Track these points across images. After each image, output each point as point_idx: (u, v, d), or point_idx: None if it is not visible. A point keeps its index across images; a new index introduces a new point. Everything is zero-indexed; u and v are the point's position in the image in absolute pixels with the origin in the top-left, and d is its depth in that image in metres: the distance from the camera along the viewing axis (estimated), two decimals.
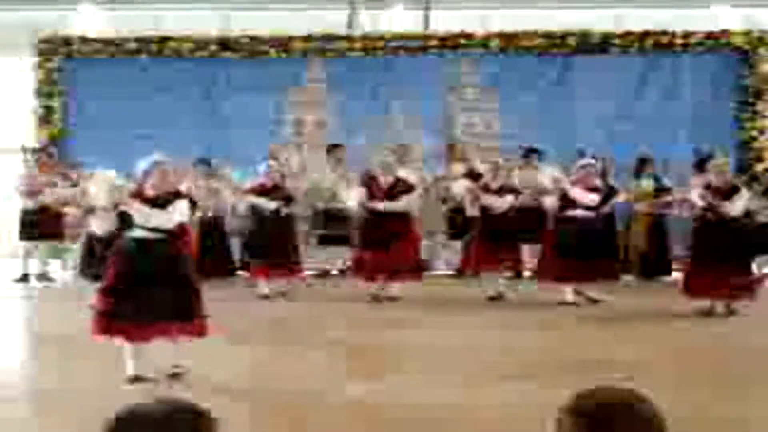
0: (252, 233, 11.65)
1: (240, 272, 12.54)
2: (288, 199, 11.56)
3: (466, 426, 5.72)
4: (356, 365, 7.67)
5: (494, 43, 13.91)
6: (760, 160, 13.25)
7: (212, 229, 12.78)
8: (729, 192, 9.70)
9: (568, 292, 10.66)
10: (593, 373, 6.73)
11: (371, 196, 10.93)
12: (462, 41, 13.96)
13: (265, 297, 11.17)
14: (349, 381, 6.90)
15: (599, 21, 14.11)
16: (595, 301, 10.63)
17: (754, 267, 10.45)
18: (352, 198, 11.60)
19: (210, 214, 12.50)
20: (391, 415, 5.97)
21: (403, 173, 11.47)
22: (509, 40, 13.91)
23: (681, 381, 6.83)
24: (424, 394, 6.44)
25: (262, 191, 11.39)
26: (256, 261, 11.46)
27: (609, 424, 1.97)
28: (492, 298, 11.00)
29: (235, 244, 12.75)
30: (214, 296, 7.87)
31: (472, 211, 11.50)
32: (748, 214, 10.09)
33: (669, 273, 12.92)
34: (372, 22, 14.72)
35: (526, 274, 11.68)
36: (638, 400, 2.02)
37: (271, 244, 11.22)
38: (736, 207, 9.65)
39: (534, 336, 8.86)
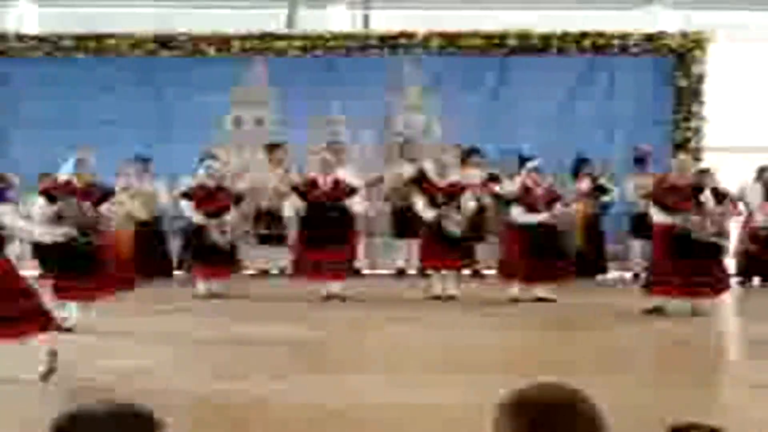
0: (192, 233, 11.54)
1: (178, 272, 12.46)
2: (238, 199, 11.51)
3: (420, 425, 5.73)
4: (300, 364, 7.63)
5: (435, 43, 13.92)
6: (696, 160, 13.44)
7: (151, 229, 12.69)
8: (691, 191, 9.84)
9: (516, 289, 10.76)
10: (538, 372, 6.76)
11: (314, 197, 10.92)
12: (403, 41, 13.94)
13: (203, 297, 11.08)
14: (292, 380, 6.88)
15: (540, 21, 14.21)
16: (543, 300, 10.72)
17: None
18: (287, 209, 11.65)
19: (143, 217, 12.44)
20: (353, 414, 5.94)
21: (341, 173, 11.49)
22: (450, 40, 13.92)
23: (627, 378, 6.92)
24: (382, 394, 6.43)
25: (205, 194, 11.26)
26: (197, 261, 11.37)
27: (551, 424, 1.95)
28: (437, 297, 11.05)
29: (175, 244, 12.69)
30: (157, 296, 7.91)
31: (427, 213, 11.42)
32: None
33: (605, 272, 13.13)
34: (312, 21, 14.66)
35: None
36: (580, 399, 2.01)
37: (211, 245, 11.11)
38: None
39: (480, 335, 8.90)
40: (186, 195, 11.45)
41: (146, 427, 1.95)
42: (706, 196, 9.94)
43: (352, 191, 11.16)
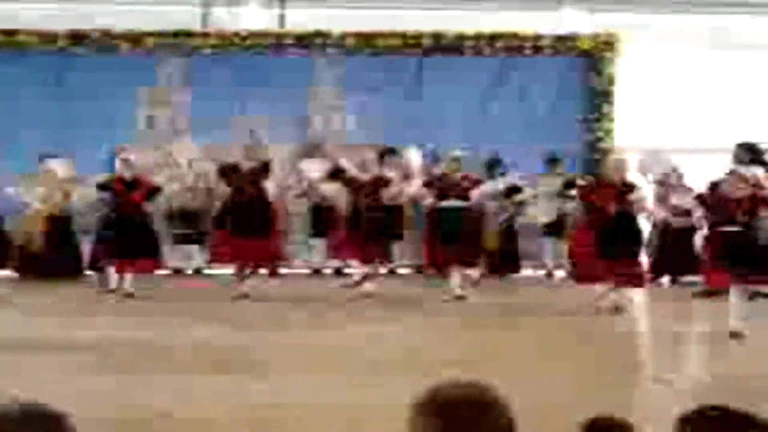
0: (105, 228, 11.36)
1: (90, 272, 12.28)
2: (154, 190, 11.34)
3: (328, 426, 5.74)
4: (223, 365, 7.57)
5: (351, 43, 13.93)
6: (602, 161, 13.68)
7: (60, 227, 12.50)
8: (624, 189, 10.03)
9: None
10: (453, 371, 6.81)
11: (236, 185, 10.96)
12: (319, 40, 13.92)
13: (111, 291, 10.89)
14: (210, 380, 6.83)
15: (456, 22, 14.31)
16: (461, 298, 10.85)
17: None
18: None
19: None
20: (273, 415, 5.92)
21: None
22: (366, 40, 13.95)
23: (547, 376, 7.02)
24: (300, 394, 6.42)
25: (121, 185, 11.10)
26: (108, 257, 11.18)
27: (465, 424, 1.96)
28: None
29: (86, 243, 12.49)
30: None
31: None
32: None
33: (517, 270, 13.30)
34: (228, 19, 14.53)
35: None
36: (494, 398, 2.02)
37: (125, 240, 10.96)
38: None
39: (396, 333, 8.95)
40: (103, 186, 11.26)
41: (58, 427, 1.93)
42: (638, 196, 10.17)
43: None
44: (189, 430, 5.75)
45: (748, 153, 10.66)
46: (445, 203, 10.93)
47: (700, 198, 9.41)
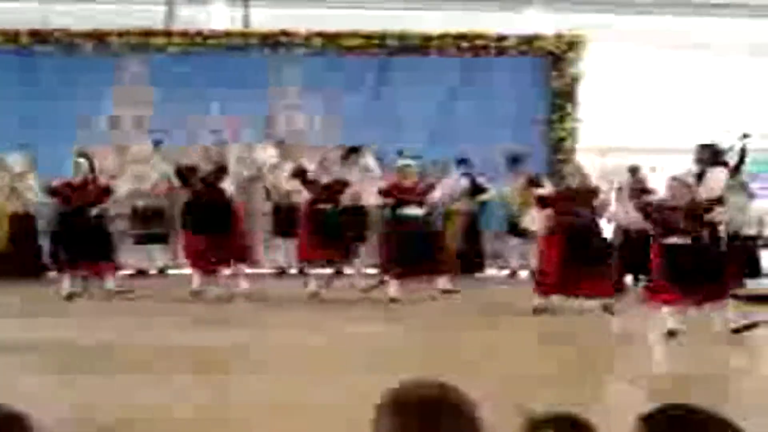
0: (55, 231, 11.27)
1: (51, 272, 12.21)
2: (105, 191, 11.25)
3: (294, 426, 5.73)
4: (182, 366, 7.54)
5: (316, 43, 13.92)
6: (568, 161, 13.76)
7: (24, 226, 12.42)
8: (586, 194, 10.06)
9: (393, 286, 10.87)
10: (419, 370, 6.77)
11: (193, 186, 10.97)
12: (283, 40, 13.89)
13: (69, 297, 10.83)
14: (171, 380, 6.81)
15: (420, 22, 14.34)
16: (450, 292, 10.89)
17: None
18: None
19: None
20: (235, 415, 5.90)
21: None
22: (331, 40, 13.94)
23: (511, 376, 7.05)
24: (269, 394, 6.41)
25: (71, 190, 11.01)
26: (62, 258, 11.10)
27: (430, 423, 1.95)
28: (315, 294, 11.07)
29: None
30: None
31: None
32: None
33: (482, 270, 13.36)
34: (191, 18, 14.46)
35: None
36: (459, 397, 2.02)
37: (77, 242, 10.87)
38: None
39: (360, 334, 8.96)
40: (50, 191, 11.19)
41: (21, 427, 1.93)
42: (602, 200, 10.20)
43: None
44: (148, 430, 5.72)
45: (710, 153, 10.74)
46: (402, 211, 10.90)
47: (643, 210, 9.14)
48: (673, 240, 8.60)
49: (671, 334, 8.47)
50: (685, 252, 8.53)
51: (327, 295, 11.06)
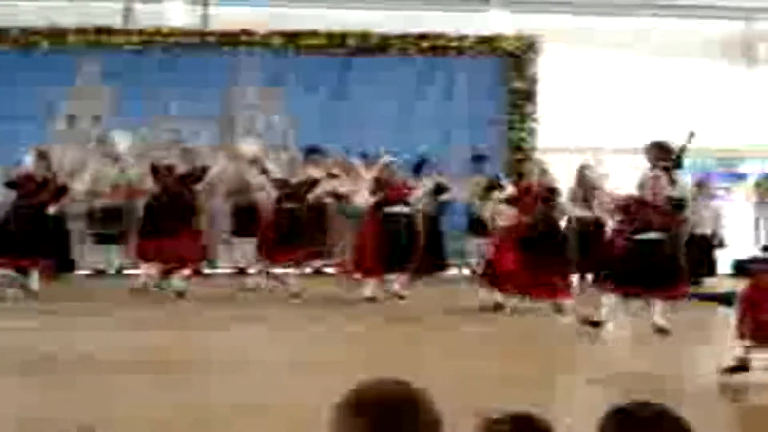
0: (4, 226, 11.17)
1: None
2: (61, 190, 11.15)
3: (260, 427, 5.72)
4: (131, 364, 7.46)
5: (276, 42, 13.85)
6: (527, 160, 13.82)
7: None
8: (547, 194, 10.11)
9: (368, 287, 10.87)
10: (381, 370, 6.74)
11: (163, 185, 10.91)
12: (243, 38, 13.81)
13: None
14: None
15: (382, 22, 14.32)
16: (401, 297, 10.87)
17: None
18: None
19: None
20: (198, 415, 5.86)
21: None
22: (290, 39, 13.89)
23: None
24: (211, 394, 6.37)
25: (27, 184, 10.91)
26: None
27: (389, 423, 1.94)
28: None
29: None
30: None
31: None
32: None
33: (443, 269, 13.38)
34: (150, 16, 14.31)
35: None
36: (419, 397, 2.00)
37: (25, 240, 10.75)
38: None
39: (323, 333, 8.94)
40: (8, 184, 11.08)
41: None
42: (560, 201, 10.28)
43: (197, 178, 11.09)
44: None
45: (662, 152, 10.78)
46: (390, 209, 10.92)
47: (621, 207, 9.22)
48: (647, 236, 8.71)
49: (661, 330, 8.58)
50: (653, 248, 8.63)
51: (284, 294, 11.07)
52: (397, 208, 10.90)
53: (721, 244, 13.03)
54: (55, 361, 7.41)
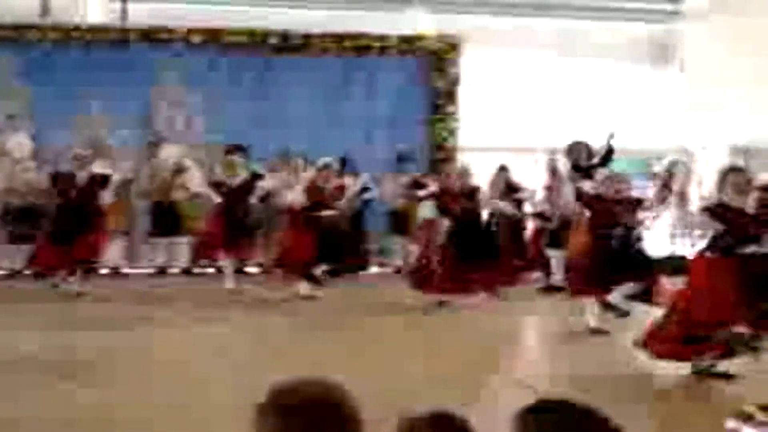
0: None
1: None
2: None
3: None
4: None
5: (195, 40, 13.69)
6: (449, 160, 13.93)
7: None
8: (468, 193, 10.19)
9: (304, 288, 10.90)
10: (303, 370, 6.71)
11: (66, 194, 10.69)
12: (164, 36, 13.62)
13: None
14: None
15: (305, 21, 14.29)
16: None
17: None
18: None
19: None
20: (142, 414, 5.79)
21: (98, 168, 11.17)
22: (212, 37, 13.74)
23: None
24: (132, 395, 6.29)
25: None
26: None
27: (309, 422, 1.94)
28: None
29: None
30: None
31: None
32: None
33: (365, 268, 13.40)
34: (67, 12, 14.03)
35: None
36: (339, 396, 2.02)
37: None
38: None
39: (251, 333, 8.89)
40: None
41: None
42: (482, 198, 10.40)
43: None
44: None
45: (584, 151, 10.93)
46: (321, 212, 10.92)
47: (586, 202, 9.25)
48: (616, 232, 8.82)
49: (597, 331, 8.68)
50: (621, 243, 8.76)
51: (218, 293, 11.05)
52: (328, 211, 10.91)
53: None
54: None
